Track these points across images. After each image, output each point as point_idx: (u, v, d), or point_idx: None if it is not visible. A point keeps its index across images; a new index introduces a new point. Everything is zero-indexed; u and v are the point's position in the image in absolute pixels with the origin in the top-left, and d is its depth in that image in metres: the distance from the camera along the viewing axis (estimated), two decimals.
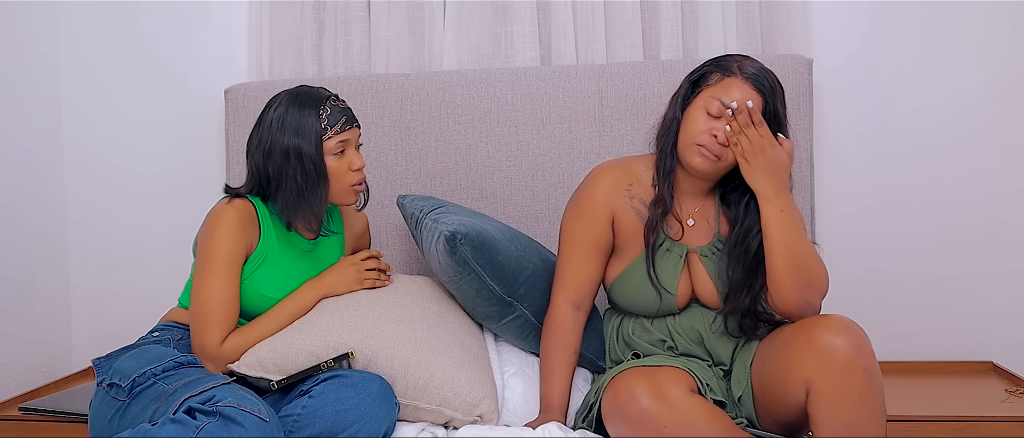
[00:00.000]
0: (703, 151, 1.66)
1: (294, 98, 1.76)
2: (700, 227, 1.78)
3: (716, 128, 1.65)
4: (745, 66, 1.68)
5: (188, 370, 1.62)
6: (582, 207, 1.80)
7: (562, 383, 1.76)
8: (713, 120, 1.66)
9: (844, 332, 1.50)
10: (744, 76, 1.66)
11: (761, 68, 1.69)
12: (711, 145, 1.65)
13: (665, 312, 1.77)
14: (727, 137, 1.64)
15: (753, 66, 1.69)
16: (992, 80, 2.31)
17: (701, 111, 1.68)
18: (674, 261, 1.75)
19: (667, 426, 1.50)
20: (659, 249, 1.75)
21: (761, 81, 1.66)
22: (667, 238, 1.76)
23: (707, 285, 1.75)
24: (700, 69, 1.73)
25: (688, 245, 1.77)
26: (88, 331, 2.64)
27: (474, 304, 1.89)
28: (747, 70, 1.67)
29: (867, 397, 1.48)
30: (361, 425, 1.56)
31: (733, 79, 1.67)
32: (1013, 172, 2.31)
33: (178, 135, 2.58)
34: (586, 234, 1.79)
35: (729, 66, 1.69)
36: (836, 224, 2.36)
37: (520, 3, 2.38)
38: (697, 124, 1.67)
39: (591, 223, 1.78)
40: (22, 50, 2.47)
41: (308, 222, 1.77)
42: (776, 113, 1.67)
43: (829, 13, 2.35)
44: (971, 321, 2.34)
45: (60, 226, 2.61)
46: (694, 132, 1.67)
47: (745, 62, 1.69)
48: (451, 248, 1.78)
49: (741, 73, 1.67)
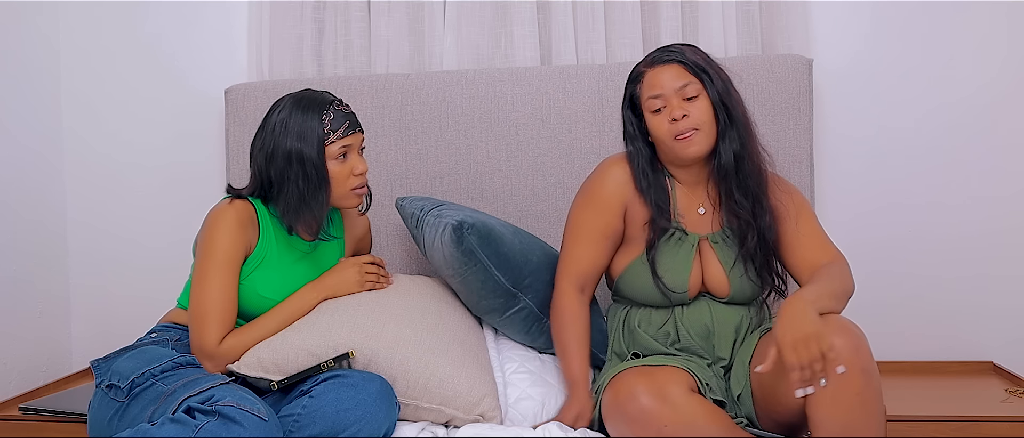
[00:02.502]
0: (680, 138, 1.71)
1: (298, 102, 1.77)
2: (709, 214, 1.80)
3: (672, 113, 1.70)
4: (648, 57, 1.78)
5: (187, 370, 1.62)
6: (593, 196, 1.82)
7: (581, 357, 1.78)
8: (662, 113, 1.72)
9: (842, 332, 1.50)
10: (650, 64, 1.75)
11: (661, 48, 1.78)
12: (681, 127, 1.70)
13: (675, 303, 1.77)
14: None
15: (653, 52, 1.78)
16: (992, 81, 2.30)
17: (652, 118, 1.74)
18: (686, 251, 1.77)
19: (667, 426, 1.50)
20: (670, 240, 1.77)
21: (665, 54, 1.75)
22: (678, 228, 1.77)
23: (718, 272, 1.77)
24: (625, 94, 1.81)
25: (699, 233, 1.78)
26: (88, 331, 2.64)
27: (479, 297, 1.89)
28: (648, 60, 1.77)
29: (865, 397, 1.48)
30: (361, 425, 1.56)
31: (646, 74, 1.75)
32: (1013, 173, 2.31)
33: (178, 135, 2.58)
34: (596, 223, 1.81)
35: (638, 71, 1.78)
36: (836, 224, 2.35)
37: (520, 3, 2.38)
38: (659, 127, 1.73)
39: (602, 212, 1.80)
40: (23, 47, 2.47)
41: (309, 226, 1.78)
42: (700, 63, 1.72)
43: (829, 13, 2.35)
44: (971, 321, 2.34)
45: (60, 225, 2.61)
46: (663, 134, 1.73)
47: (647, 55, 1.79)
48: (458, 238, 1.79)
49: (647, 65, 1.76)
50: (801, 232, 1.75)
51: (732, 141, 1.73)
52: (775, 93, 2.19)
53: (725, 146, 1.73)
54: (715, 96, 1.72)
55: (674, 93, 1.71)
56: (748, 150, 1.74)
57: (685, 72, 1.72)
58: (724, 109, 1.72)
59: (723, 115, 1.72)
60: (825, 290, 1.60)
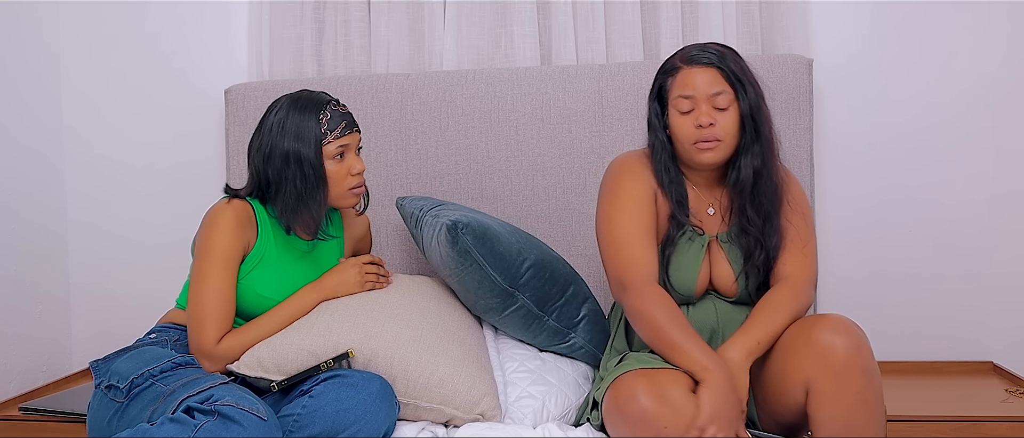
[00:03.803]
0: (702, 145, 1.68)
1: (295, 102, 1.77)
2: (719, 214, 1.80)
3: (697, 118, 1.67)
4: (684, 55, 1.71)
5: (186, 370, 1.62)
6: (630, 195, 1.74)
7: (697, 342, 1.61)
8: (690, 115, 1.69)
9: (843, 332, 1.50)
10: (687, 62, 1.70)
11: (700, 46, 1.72)
12: (705, 135, 1.67)
13: (681, 302, 1.77)
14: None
15: (691, 48, 1.72)
16: (992, 80, 2.30)
17: (677, 117, 1.71)
18: (696, 250, 1.76)
19: (667, 427, 1.49)
20: (681, 239, 1.76)
21: (704, 56, 1.69)
22: (689, 228, 1.77)
23: (726, 272, 1.76)
24: (654, 83, 1.77)
25: (710, 233, 1.78)
26: (88, 331, 2.64)
27: (476, 297, 1.89)
28: (686, 55, 1.71)
29: (866, 397, 1.48)
30: (361, 425, 1.56)
31: (680, 72, 1.70)
32: (1013, 172, 2.31)
33: (178, 135, 2.58)
34: (642, 221, 1.73)
35: (673, 66, 1.72)
36: (836, 224, 2.36)
37: (520, 3, 2.38)
38: (682, 128, 1.70)
39: (643, 207, 1.73)
40: (23, 46, 2.47)
41: (306, 225, 1.78)
42: (737, 72, 1.68)
43: (829, 13, 2.35)
44: (971, 321, 2.34)
45: (60, 225, 2.61)
46: (684, 136, 1.69)
47: (683, 51, 1.73)
48: (453, 238, 1.79)
49: (683, 63, 1.70)
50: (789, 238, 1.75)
51: (754, 157, 1.70)
52: (775, 93, 2.18)
53: (746, 161, 1.70)
54: (746, 109, 1.68)
55: (706, 98, 1.67)
56: (769, 168, 1.72)
57: (721, 79, 1.68)
58: (752, 124, 1.69)
59: (750, 130, 1.69)
60: (764, 335, 1.62)
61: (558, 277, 1.92)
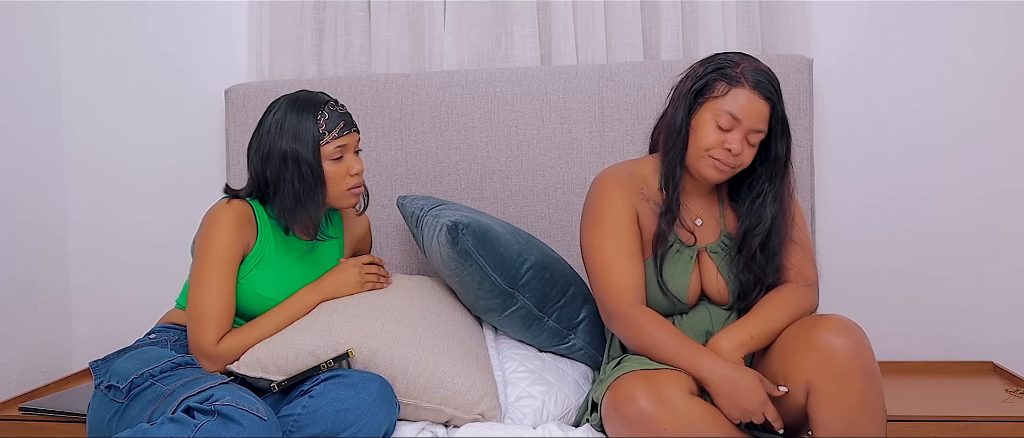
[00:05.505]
0: (718, 164, 1.68)
1: (293, 103, 1.77)
2: (708, 225, 1.79)
3: (729, 141, 1.65)
4: (748, 72, 1.66)
5: (186, 371, 1.62)
6: (613, 216, 1.74)
7: (687, 342, 1.64)
8: (724, 133, 1.66)
9: (844, 332, 1.50)
10: (751, 86, 1.65)
11: (764, 72, 1.68)
12: (726, 159, 1.66)
13: (674, 311, 1.77)
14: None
15: (755, 71, 1.67)
16: (991, 79, 2.30)
17: (710, 124, 1.67)
18: (685, 262, 1.76)
19: (666, 428, 1.49)
20: (669, 251, 1.76)
21: (767, 88, 1.66)
22: (677, 240, 1.76)
23: (716, 282, 1.76)
24: (702, 76, 1.70)
25: (698, 245, 1.77)
26: (88, 331, 2.64)
27: (476, 297, 1.89)
28: (750, 77, 1.66)
29: (867, 397, 1.48)
30: (361, 425, 1.56)
31: (740, 90, 1.65)
32: (1013, 171, 2.31)
33: (178, 135, 2.58)
34: (625, 240, 1.73)
35: (734, 75, 1.67)
36: (836, 223, 2.36)
37: (520, 3, 2.38)
38: (708, 136, 1.67)
39: (625, 226, 1.73)
40: (23, 47, 2.47)
41: (305, 226, 1.78)
42: (782, 116, 1.70)
43: (829, 13, 2.35)
44: (971, 321, 2.34)
45: (60, 225, 2.61)
46: (706, 144, 1.67)
47: (747, 66, 1.68)
48: (453, 238, 1.79)
49: (747, 82, 1.66)
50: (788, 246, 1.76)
51: (772, 201, 1.72)
52: None
53: (760, 203, 1.72)
54: (773, 153, 1.70)
55: (748, 129, 1.66)
56: (783, 209, 1.73)
57: (767, 118, 1.67)
58: (776, 166, 1.71)
59: (773, 171, 1.71)
60: (759, 330, 1.64)
61: (558, 278, 1.92)
